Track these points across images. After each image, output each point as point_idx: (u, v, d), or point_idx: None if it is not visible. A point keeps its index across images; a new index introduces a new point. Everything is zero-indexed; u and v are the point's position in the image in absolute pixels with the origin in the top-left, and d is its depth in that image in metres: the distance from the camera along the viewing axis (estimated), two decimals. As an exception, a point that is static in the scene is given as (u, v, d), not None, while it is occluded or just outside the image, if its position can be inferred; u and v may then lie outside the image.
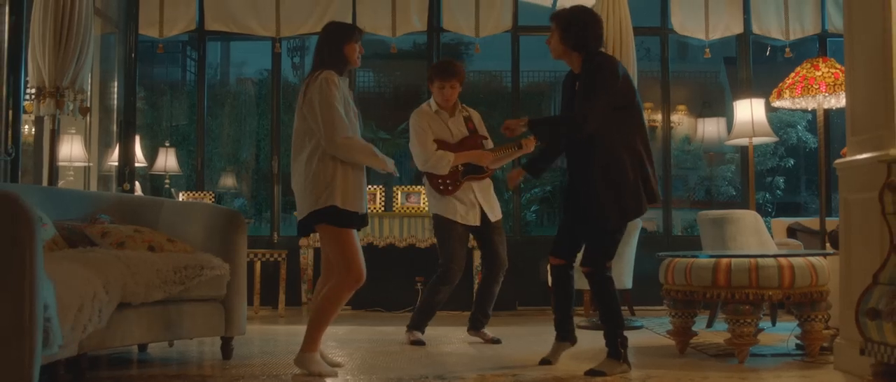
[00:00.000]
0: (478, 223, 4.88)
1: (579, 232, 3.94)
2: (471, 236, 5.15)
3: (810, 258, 4.22)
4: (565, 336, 4.08)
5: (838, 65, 5.09)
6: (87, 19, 5.10)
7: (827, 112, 5.42)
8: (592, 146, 3.74)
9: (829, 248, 5.01)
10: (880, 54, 3.46)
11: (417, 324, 4.90)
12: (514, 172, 4.40)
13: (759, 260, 4.10)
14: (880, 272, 3.06)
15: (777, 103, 5.46)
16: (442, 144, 4.89)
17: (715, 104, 10.71)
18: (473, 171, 4.89)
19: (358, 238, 3.79)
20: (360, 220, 3.77)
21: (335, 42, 3.81)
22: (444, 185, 4.88)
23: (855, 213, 3.63)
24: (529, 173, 4.27)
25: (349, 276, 3.70)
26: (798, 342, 4.30)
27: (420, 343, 4.77)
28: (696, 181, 12.33)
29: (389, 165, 3.84)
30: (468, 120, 4.97)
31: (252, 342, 4.84)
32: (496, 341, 4.85)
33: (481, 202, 4.90)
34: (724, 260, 4.13)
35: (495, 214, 4.93)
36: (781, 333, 4.89)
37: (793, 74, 5.33)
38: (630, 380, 3.60)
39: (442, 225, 4.89)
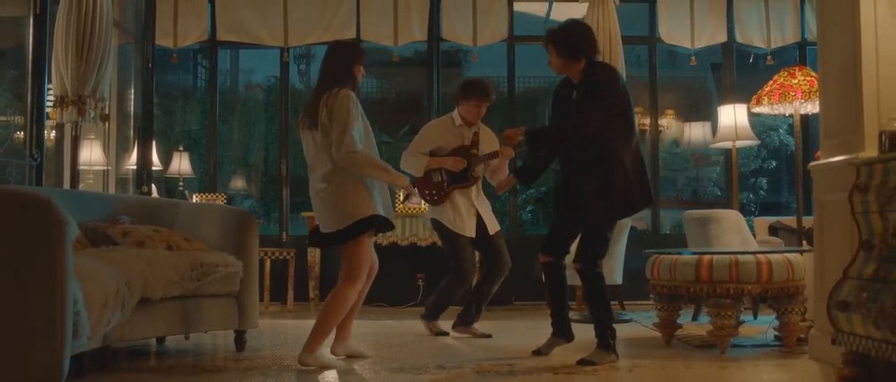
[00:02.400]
0: (473, 235, 4.94)
1: (572, 231, 4.07)
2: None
3: (787, 254, 4.33)
4: (561, 332, 4.18)
5: (813, 73, 5.19)
6: (107, 31, 5.21)
7: (804, 117, 5.49)
8: (586, 149, 3.87)
9: (806, 245, 5.13)
10: (851, 64, 3.59)
11: (435, 315, 5.04)
12: (504, 180, 4.52)
13: (739, 256, 4.22)
14: (850, 267, 3.17)
15: (756, 109, 5.59)
16: (435, 153, 4.98)
17: (703, 108, 10.77)
18: (457, 180, 4.94)
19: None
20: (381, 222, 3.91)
21: (346, 62, 3.89)
22: (430, 195, 4.98)
23: (828, 213, 3.74)
24: (521, 180, 4.40)
25: (359, 280, 3.87)
26: (776, 333, 4.41)
27: (443, 333, 4.96)
28: (683, 182, 12.37)
29: (403, 181, 3.91)
30: (475, 133, 5.02)
31: (263, 335, 4.96)
32: (487, 336, 4.89)
33: (481, 213, 4.97)
34: (707, 257, 4.25)
35: (493, 227, 5.00)
36: (761, 325, 5.01)
37: (771, 82, 5.44)
38: (619, 369, 3.74)
39: (445, 231, 4.96)
